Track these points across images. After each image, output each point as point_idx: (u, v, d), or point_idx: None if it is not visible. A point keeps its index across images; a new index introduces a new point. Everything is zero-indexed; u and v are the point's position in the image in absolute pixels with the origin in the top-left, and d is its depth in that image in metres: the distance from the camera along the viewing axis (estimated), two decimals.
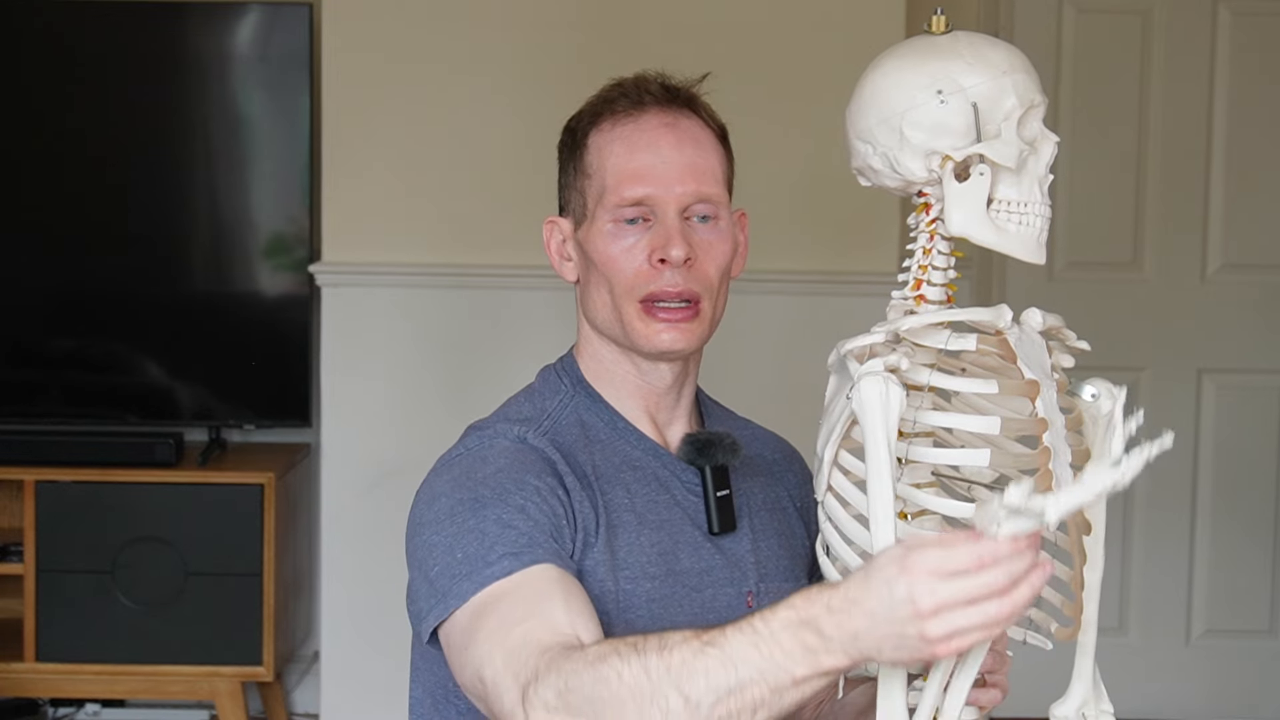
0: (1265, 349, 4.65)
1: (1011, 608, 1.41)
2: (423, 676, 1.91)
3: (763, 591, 1.91)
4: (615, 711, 1.49)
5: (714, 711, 1.46)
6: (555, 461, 1.81)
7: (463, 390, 4.13)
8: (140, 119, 4.36)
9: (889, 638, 1.42)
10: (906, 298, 1.73)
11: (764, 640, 1.46)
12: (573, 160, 1.90)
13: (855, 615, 1.43)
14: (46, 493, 4.12)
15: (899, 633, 1.41)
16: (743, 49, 4.05)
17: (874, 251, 4.06)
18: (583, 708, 1.50)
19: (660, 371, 1.89)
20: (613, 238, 1.84)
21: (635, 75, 1.90)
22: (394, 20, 4.16)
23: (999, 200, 1.66)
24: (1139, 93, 4.56)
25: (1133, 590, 4.68)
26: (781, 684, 1.45)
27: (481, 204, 4.18)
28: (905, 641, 1.42)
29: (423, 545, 1.78)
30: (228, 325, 4.37)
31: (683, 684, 1.47)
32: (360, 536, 4.20)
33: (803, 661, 1.44)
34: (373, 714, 4.20)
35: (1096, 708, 1.76)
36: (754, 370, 3.96)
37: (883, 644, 1.42)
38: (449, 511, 1.77)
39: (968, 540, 1.41)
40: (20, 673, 4.14)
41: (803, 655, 1.44)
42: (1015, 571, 1.41)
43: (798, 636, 1.45)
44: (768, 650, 1.45)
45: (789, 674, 1.45)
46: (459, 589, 1.70)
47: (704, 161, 1.86)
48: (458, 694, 1.82)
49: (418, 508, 1.84)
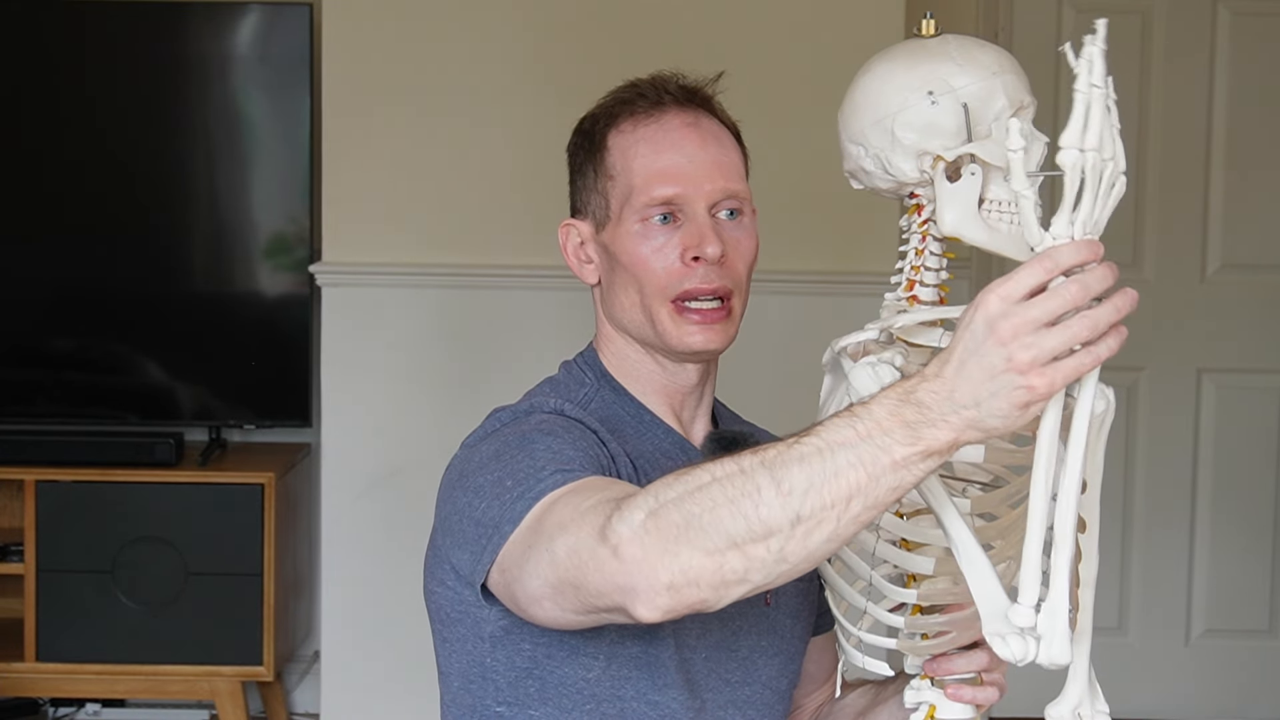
0: (1265, 349, 4.65)
1: (1093, 323, 1.35)
2: (450, 662, 1.84)
3: (779, 591, 1.91)
4: (709, 514, 1.42)
5: (807, 500, 1.39)
6: (598, 430, 1.79)
7: (463, 390, 4.13)
8: (140, 119, 4.36)
9: (982, 383, 1.35)
10: (900, 299, 1.73)
11: (861, 421, 1.39)
12: (591, 162, 1.89)
13: (947, 373, 1.37)
14: (46, 493, 4.12)
15: (989, 372, 1.34)
16: (742, 50, 4.05)
17: (874, 251, 4.06)
18: (673, 519, 1.43)
19: (686, 371, 1.89)
20: (642, 238, 1.84)
21: (651, 75, 1.90)
22: (394, 20, 4.16)
23: (990, 200, 1.67)
24: (1139, 93, 4.57)
25: (1132, 590, 4.68)
26: (880, 467, 1.38)
27: (481, 204, 4.18)
28: (999, 382, 1.34)
29: (467, 491, 1.72)
30: (228, 325, 4.38)
31: (776, 472, 1.40)
32: (360, 536, 4.20)
33: (903, 438, 1.37)
34: (373, 714, 4.20)
35: (1092, 708, 1.76)
36: (753, 370, 3.95)
37: (978, 393, 1.35)
38: (494, 455, 1.72)
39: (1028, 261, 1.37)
40: (20, 673, 4.14)
41: (903, 431, 1.37)
42: (1089, 282, 1.35)
43: (896, 413, 1.38)
44: (865, 430, 1.39)
45: (888, 454, 1.38)
46: (512, 512, 1.64)
47: (727, 159, 1.86)
48: (497, 669, 1.78)
49: (454, 470, 1.79)
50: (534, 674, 1.78)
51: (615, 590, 1.48)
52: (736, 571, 1.43)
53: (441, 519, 1.79)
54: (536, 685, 1.78)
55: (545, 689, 1.77)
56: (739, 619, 1.86)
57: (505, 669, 1.78)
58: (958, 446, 1.39)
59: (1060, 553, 1.43)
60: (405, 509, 4.16)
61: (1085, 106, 1.38)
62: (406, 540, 4.18)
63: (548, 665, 1.77)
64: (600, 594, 1.50)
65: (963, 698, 1.75)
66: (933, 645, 1.75)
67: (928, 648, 1.75)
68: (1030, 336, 1.34)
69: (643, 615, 1.46)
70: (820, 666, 2.02)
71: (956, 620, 1.71)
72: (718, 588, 1.44)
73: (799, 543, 1.41)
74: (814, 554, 1.42)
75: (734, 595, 1.45)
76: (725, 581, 1.44)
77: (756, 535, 1.41)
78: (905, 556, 1.66)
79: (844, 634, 1.77)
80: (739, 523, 1.41)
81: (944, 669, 1.76)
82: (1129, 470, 4.64)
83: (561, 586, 1.55)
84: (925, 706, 1.77)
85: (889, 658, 1.81)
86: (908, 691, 1.79)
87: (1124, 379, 4.54)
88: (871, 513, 1.40)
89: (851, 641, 1.75)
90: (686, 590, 1.44)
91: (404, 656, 4.14)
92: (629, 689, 1.78)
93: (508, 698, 1.79)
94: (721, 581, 1.44)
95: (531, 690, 1.78)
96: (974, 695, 1.76)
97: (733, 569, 1.43)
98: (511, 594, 1.66)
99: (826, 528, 1.40)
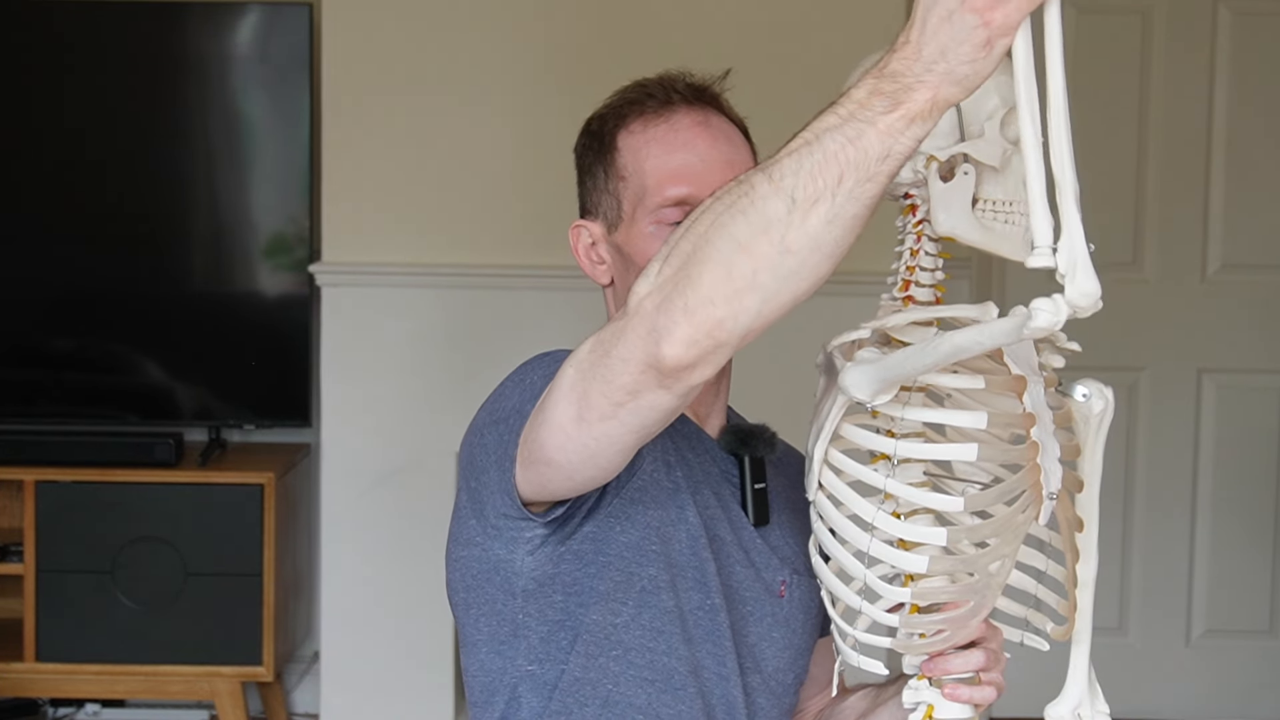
0: (1265, 349, 4.65)
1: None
2: (483, 631, 1.83)
3: (794, 584, 1.92)
4: (713, 229, 1.43)
5: (799, 182, 1.40)
6: None
7: (463, 390, 4.13)
8: (140, 119, 4.37)
9: (945, 33, 1.37)
10: (895, 299, 1.74)
11: (842, 105, 1.41)
12: (601, 163, 1.89)
13: (911, 36, 1.38)
14: (46, 493, 4.13)
15: (948, 20, 1.36)
16: (742, 49, 4.05)
17: (870, 251, 4.04)
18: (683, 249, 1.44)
19: None
20: (656, 239, 1.84)
21: (659, 75, 1.91)
22: (394, 20, 4.16)
23: (984, 200, 1.68)
24: (1139, 93, 4.56)
25: (1132, 590, 4.68)
26: (867, 140, 1.39)
27: (481, 204, 4.18)
28: (958, 26, 1.36)
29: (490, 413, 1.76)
30: (228, 325, 4.38)
31: (770, 169, 1.42)
32: (360, 536, 4.20)
33: (882, 107, 1.39)
34: (373, 714, 4.20)
35: (1092, 708, 1.76)
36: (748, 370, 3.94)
37: (944, 44, 1.37)
38: (515, 375, 1.78)
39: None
40: (20, 673, 4.15)
41: (882, 102, 1.39)
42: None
43: (874, 89, 1.39)
44: (847, 111, 1.40)
45: (872, 126, 1.39)
46: (533, 389, 1.68)
47: (738, 156, 1.87)
48: (529, 625, 1.79)
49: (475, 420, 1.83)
50: (566, 625, 1.78)
51: (641, 345, 1.47)
52: (745, 275, 1.42)
53: (463, 468, 1.81)
54: (568, 636, 1.79)
55: (576, 638, 1.78)
56: (751, 603, 1.88)
57: (538, 624, 1.79)
58: (939, 106, 1.39)
59: (1065, 192, 1.43)
60: (405, 509, 4.16)
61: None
62: (406, 540, 4.19)
63: (579, 614, 1.78)
64: (627, 361, 1.49)
65: (960, 697, 1.75)
66: (929, 645, 1.75)
67: (924, 647, 1.75)
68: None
69: (668, 354, 1.45)
70: (824, 670, 2.03)
71: (953, 619, 1.71)
72: (730, 299, 1.42)
73: (798, 228, 1.40)
74: (817, 239, 1.41)
75: (749, 309, 1.43)
76: (736, 290, 1.42)
77: (757, 229, 1.41)
78: (900, 556, 1.66)
79: (841, 635, 1.77)
80: (739, 223, 1.41)
81: (941, 669, 1.76)
82: (1129, 470, 4.64)
83: (588, 389, 1.54)
84: (923, 706, 1.76)
85: (886, 658, 1.81)
86: (906, 691, 1.79)
87: (1124, 379, 4.53)
88: (866, 187, 1.40)
89: (848, 642, 1.75)
90: (701, 310, 1.43)
91: (404, 656, 4.15)
92: (661, 642, 1.79)
93: (540, 654, 1.80)
94: (733, 291, 1.42)
95: (564, 642, 1.79)
96: (971, 695, 1.75)
97: (740, 272, 1.42)
98: (540, 449, 1.64)
99: (823, 206, 1.40)
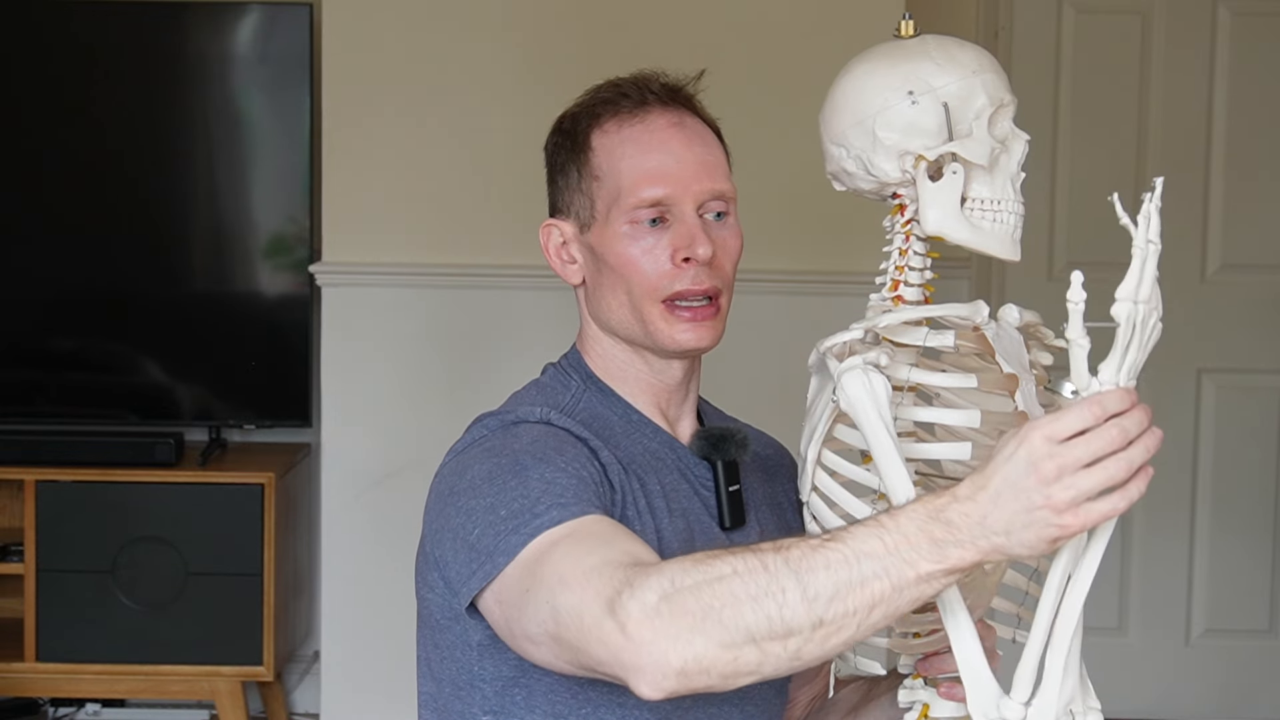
0: (1265, 349, 4.65)
1: (1128, 464, 1.38)
2: (439, 667, 1.83)
3: None
4: (730, 608, 1.44)
5: (831, 607, 1.42)
6: (587, 439, 1.79)
7: (463, 390, 4.13)
8: (140, 119, 4.37)
9: (1017, 515, 1.39)
10: (885, 298, 1.74)
11: (889, 533, 1.42)
12: (574, 162, 1.88)
13: (981, 499, 1.40)
14: (46, 493, 4.13)
15: (1025, 506, 1.39)
16: (733, 49, 4.06)
17: (859, 251, 4.04)
18: (689, 606, 1.45)
19: (673, 368, 1.88)
20: (630, 239, 1.83)
21: (634, 74, 1.89)
22: (394, 20, 4.16)
23: (973, 199, 1.68)
24: (1139, 93, 4.56)
25: (1132, 590, 4.68)
26: (904, 580, 1.41)
27: (481, 204, 4.18)
28: (1033, 516, 1.39)
29: (459, 512, 1.71)
30: (228, 325, 4.38)
31: (802, 575, 1.43)
32: (360, 536, 4.20)
33: (929, 555, 1.41)
34: (373, 714, 4.20)
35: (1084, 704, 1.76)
36: (742, 370, 3.95)
37: (1011, 524, 1.39)
38: (486, 476, 1.71)
39: (1077, 404, 1.41)
40: (20, 673, 4.15)
41: (930, 548, 1.41)
42: (1128, 427, 1.39)
43: (925, 529, 1.42)
44: (893, 543, 1.42)
45: (913, 569, 1.41)
46: (507, 544, 1.64)
47: (712, 158, 1.86)
48: (484, 678, 1.78)
49: (444, 481, 1.78)
50: (520, 682, 1.77)
51: (618, 665, 1.50)
52: (750, 665, 1.46)
53: (432, 530, 1.78)
54: (523, 694, 1.77)
55: (532, 697, 1.77)
56: None
57: (492, 678, 1.78)
58: (979, 566, 1.43)
59: (1056, 653, 1.49)
60: (405, 509, 4.15)
61: (1141, 261, 1.47)
62: (406, 540, 4.16)
63: (534, 673, 1.76)
64: (601, 663, 1.52)
65: (956, 696, 1.75)
66: (925, 644, 1.75)
67: (920, 646, 1.75)
68: (1071, 477, 1.38)
69: (644, 693, 1.48)
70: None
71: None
72: (728, 677, 1.47)
73: (817, 645, 1.44)
74: (828, 654, 1.46)
75: (741, 684, 1.48)
76: (737, 672, 1.46)
77: (776, 634, 1.44)
78: None
79: None
80: (760, 620, 1.44)
81: (936, 668, 1.77)
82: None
83: (561, 641, 1.56)
84: (919, 706, 1.77)
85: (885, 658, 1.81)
86: (901, 691, 1.79)
87: None
88: (890, 620, 1.45)
89: None
90: (696, 677, 1.47)
91: (404, 656, 4.12)
92: (619, 694, 1.76)
93: (494, 706, 1.79)
94: (734, 672, 1.46)
95: (519, 699, 1.77)
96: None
97: (746, 662, 1.45)
98: (508, 627, 1.66)
99: (846, 633, 1.44)
